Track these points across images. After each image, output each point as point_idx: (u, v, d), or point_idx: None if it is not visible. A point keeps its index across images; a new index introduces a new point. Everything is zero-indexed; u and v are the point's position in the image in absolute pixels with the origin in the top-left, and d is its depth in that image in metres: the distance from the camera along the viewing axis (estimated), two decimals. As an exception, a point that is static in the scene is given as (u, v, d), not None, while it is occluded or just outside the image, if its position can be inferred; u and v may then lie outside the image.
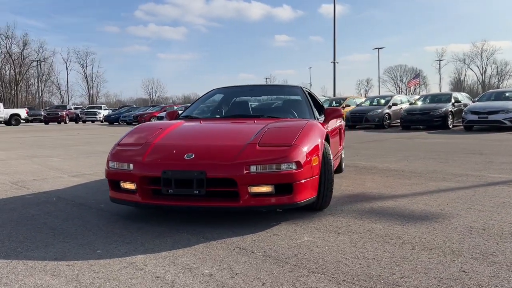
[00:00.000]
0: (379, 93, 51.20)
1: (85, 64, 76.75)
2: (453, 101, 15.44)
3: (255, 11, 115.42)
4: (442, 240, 2.60)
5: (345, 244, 2.57)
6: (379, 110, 16.56)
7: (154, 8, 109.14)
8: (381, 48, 52.37)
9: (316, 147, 3.17)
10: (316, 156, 3.13)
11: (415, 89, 72.56)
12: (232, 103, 4.66)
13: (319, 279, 2.04)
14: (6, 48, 66.67)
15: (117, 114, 31.57)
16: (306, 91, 4.76)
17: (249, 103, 4.53)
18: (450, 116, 14.78)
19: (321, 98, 23.00)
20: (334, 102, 19.67)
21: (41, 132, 19.23)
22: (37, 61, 66.52)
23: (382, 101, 18.00)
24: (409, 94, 45.10)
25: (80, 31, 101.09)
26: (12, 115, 30.47)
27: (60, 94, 74.78)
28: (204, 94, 4.84)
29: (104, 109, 38.85)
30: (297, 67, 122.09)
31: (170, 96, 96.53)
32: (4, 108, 31.90)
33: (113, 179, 3.16)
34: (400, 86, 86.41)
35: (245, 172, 2.81)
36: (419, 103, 16.40)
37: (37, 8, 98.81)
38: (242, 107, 4.51)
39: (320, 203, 3.30)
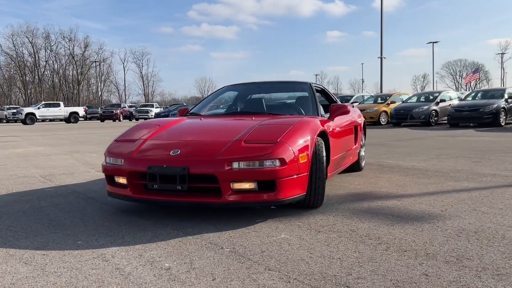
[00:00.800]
0: (433, 89, 49.03)
1: (141, 64, 79.87)
2: (506, 97, 14.53)
3: (306, 7, 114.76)
4: (423, 242, 2.48)
5: (318, 242, 2.52)
6: (425, 107, 15.91)
7: (207, 8, 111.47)
8: (435, 42, 50.21)
9: (306, 144, 3.12)
10: (305, 154, 3.08)
11: (475, 84, 68.94)
12: (237, 100, 4.68)
13: (271, 276, 2.02)
14: (70, 50, 70.73)
15: (167, 112, 32.50)
16: (316, 87, 4.68)
17: (253, 101, 4.52)
18: (503, 113, 13.94)
19: (366, 95, 22.43)
20: (379, 99, 19.11)
21: (93, 129, 20.24)
22: (96, 61, 69.88)
23: (431, 98, 17.27)
24: (468, 90, 42.89)
25: (136, 32, 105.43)
26: (71, 113, 32.30)
27: (118, 93, 78.27)
28: (216, 91, 4.89)
29: (155, 107, 40.15)
30: (349, 63, 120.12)
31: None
32: (64, 107, 33.88)
33: (109, 173, 3.29)
34: (460, 82, 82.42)
35: (226, 168, 2.83)
36: (469, 99, 15.58)
37: (97, 12, 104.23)
38: (244, 105, 4.52)
39: (312, 201, 3.24)
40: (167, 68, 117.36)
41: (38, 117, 31.24)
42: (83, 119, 35.55)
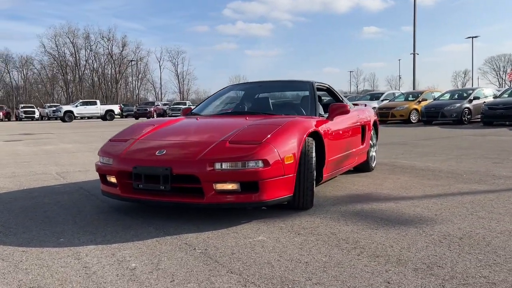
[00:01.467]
0: (472, 85, 47.24)
1: (176, 63, 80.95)
2: (545, 93, 13.80)
3: (342, 3, 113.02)
4: (400, 248, 2.39)
5: (293, 245, 2.48)
6: (458, 105, 15.34)
7: (241, 6, 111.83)
8: (475, 36, 48.35)
9: (293, 145, 3.08)
10: (291, 155, 3.04)
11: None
12: (237, 100, 4.67)
13: (230, 279, 2.01)
14: (108, 49, 72.80)
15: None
16: (321, 86, 4.62)
17: (251, 101, 4.51)
18: (540, 110, 13.24)
19: (396, 92, 21.88)
20: (410, 96, 18.60)
21: (124, 127, 20.71)
22: (132, 60, 71.57)
23: (464, 95, 16.65)
24: None
25: (173, 31, 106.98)
26: (107, 111, 33.28)
27: (155, 91, 79.81)
28: (219, 90, 4.91)
29: (188, 105, 40.76)
30: (386, 60, 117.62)
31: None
32: (101, 105, 34.96)
33: (101, 173, 3.36)
34: (503, 78, 79.01)
35: (208, 169, 2.83)
36: (505, 96, 14.91)
37: (135, 12, 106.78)
38: (242, 105, 4.50)
39: (301, 203, 3.20)
40: (202, 67, 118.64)
41: (76, 115, 32.41)
42: (119, 116, 36.53)
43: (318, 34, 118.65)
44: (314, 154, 3.25)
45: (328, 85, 4.90)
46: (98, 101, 35.61)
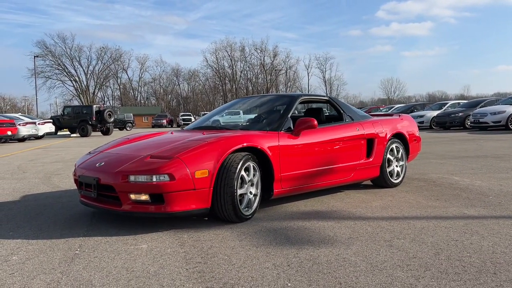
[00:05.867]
0: None
1: (324, 69, 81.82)
2: None
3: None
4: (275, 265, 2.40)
5: (157, 256, 2.66)
6: None
7: (395, 6, 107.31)
8: None
9: (210, 160, 3.23)
10: (206, 170, 3.20)
11: None
12: (216, 114, 4.93)
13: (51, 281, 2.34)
14: (261, 59, 77.42)
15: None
16: (316, 99, 4.65)
17: (225, 116, 4.66)
18: None
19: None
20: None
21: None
22: (280, 70, 74.66)
23: None
24: None
25: (327, 37, 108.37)
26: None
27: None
28: (228, 103, 5.25)
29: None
30: None
31: (413, 95, 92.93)
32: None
33: (75, 181, 3.94)
34: None
35: (121, 180, 3.19)
36: None
37: (292, 22, 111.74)
38: (215, 119, 4.73)
39: (222, 215, 3.32)
40: (354, 71, 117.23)
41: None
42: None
43: (487, 29, 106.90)
44: (237, 169, 3.31)
45: (329, 97, 4.76)
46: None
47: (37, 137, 20.83)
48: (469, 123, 18.06)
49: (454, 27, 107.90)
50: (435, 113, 20.88)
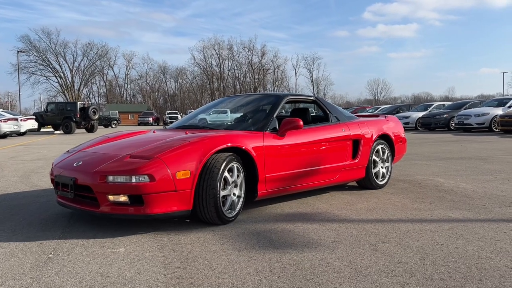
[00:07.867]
0: None
1: (311, 69, 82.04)
2: None
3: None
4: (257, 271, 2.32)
5: (134, 261, 2.56)
6: None
7: (381, 8, 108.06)
8: None
9: (192, 161, 3.13)
10: (188, 170, 3.11)
11: None
12: (202, 112, 4.82)
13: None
14: (249, 59, 77.29)
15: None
16: (305, 99, 4.63)
17: (212, 115, 4.58)
18: None
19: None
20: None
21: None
22: (268, 69, 74.69)
23: None
24: None
25: (315, 38, 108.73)
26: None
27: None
28: (213, 101, 5.16)
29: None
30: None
31: (398, 96, 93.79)
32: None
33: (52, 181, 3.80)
34: None
35: (99, 181, 3.07)
36: None
37: (281, 22, 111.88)
38: (201, 117, 4.64)
39: (204, 217, 3.23)
40: (341, 71, 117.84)
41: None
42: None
43: (472, 32, 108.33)
44: (221, 170, 3.22)
45: (315, 98, 4.70)
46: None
47: (19, 134, 20.41)
48: (453, 125, 18.23)
49: (440, 30, 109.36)
50: (420, 114, 21.05)
